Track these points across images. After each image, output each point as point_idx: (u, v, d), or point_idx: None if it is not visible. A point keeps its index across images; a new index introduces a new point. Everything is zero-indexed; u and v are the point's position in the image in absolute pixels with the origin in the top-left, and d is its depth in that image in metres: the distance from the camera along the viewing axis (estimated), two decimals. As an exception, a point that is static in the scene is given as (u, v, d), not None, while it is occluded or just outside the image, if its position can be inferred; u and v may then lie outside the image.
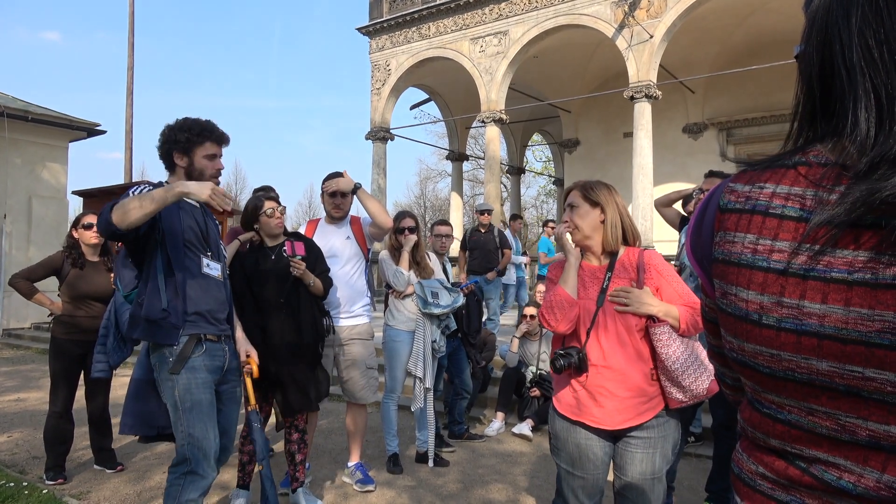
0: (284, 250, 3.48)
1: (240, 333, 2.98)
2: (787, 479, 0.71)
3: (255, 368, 2.95)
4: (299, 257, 3.45)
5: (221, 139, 2.76)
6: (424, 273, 4.46)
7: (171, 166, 2.75)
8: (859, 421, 0.64)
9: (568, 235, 2.30)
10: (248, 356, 2.95)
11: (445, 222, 5.23)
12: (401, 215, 4.57)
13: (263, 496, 3.01)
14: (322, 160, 63.54)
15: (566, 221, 2.31)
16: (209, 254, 2.73)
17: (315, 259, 3.57)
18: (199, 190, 2.40)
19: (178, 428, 2.54)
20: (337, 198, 3.95)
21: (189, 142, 2.68)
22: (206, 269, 2.69)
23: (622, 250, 2.30)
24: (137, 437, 2.91)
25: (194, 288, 2.62)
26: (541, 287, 6.76)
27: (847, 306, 0.62)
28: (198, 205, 2.72)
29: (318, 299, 3.58)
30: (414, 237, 4.43)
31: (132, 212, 2.33)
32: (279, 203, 3.59)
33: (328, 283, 3.62)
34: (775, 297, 0.67)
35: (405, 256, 4.35)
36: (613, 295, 2.19)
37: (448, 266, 5.02)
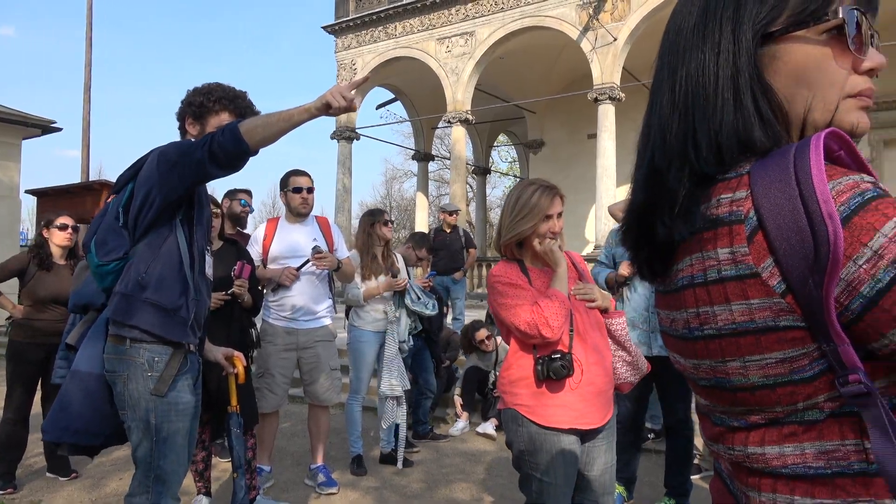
0: (234, 270, 3.50)
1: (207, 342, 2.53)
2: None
3: (241, 371, 2.63)
4: (247, 283, 3.53)
5: (243, 112, 2.23)
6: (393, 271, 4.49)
7: (183, 133, 2.29)
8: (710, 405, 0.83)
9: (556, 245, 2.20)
10: (229, 357, 2.59)
11: (432, 249, 5.55)
12: (377, 213, 4.57)
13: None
14: (286, 160, 62.71)
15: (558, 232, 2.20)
16: (209, 248, 2.29)
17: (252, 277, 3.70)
18: (334, 100, 1.93)
19: (142, 453, 2.05)
20: (303, 192, 3.93)
21: (203, 107, 2.21)
22: (207, 269, 2.24)
23: None
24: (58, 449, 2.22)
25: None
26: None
27: (667, 309, 0.82)
28: None
29: (247, 311, 3.67)
30: (391, 235, 4.52)
31: (256, 130, 1.94)
32: (219, 207, 3.61)
33: (259, 298, 3.79)
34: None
35: (382, 277, 4.37)
36: (581, 292, 2.19)
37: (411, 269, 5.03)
